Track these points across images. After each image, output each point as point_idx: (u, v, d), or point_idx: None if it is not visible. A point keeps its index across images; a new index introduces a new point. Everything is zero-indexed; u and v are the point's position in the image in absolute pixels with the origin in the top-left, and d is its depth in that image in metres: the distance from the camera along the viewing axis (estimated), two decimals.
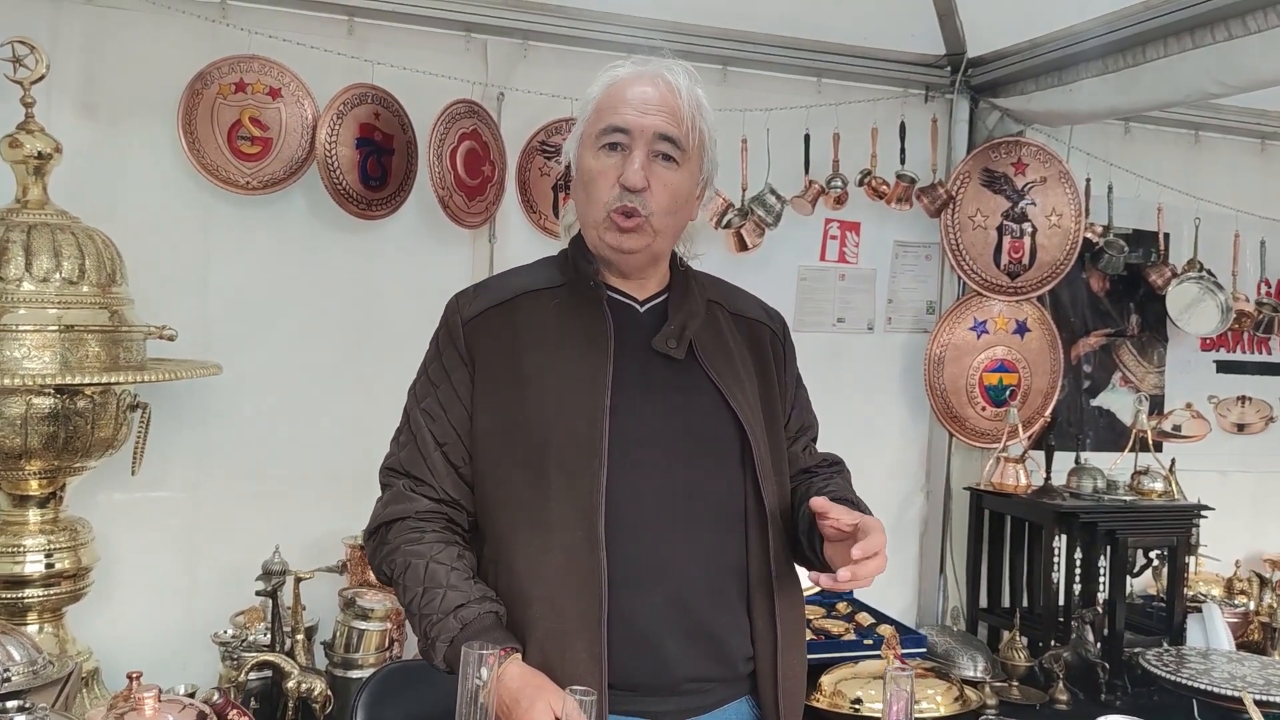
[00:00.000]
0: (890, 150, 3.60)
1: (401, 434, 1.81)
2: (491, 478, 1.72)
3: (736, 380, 1.79)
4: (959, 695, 2.98)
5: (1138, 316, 4.13)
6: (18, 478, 2.51)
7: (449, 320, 1.81)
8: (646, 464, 1.69)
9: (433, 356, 1.82)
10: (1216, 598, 3.78)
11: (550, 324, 1.75)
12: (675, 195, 1.74)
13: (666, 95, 1.72)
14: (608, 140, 1.72)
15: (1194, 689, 2.91)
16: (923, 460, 3.94)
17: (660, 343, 1.75)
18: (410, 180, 3.12)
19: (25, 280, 2.39)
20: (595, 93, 1.77)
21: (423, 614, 1.65)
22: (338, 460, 3.10)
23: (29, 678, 2.00)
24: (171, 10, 2.89)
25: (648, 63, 1.77)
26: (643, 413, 1.71)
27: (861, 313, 3.80)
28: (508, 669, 1.58)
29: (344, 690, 2.66)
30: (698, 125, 1.74)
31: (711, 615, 1.70)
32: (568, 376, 1.70)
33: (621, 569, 1.63)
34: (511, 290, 1.81)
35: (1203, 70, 2.95)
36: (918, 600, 3.92)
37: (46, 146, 2.51)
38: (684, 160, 1.74)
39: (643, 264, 1.79)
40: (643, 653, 1.65)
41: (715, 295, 1.90)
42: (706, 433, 1.75)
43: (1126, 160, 3.87)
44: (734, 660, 1.74)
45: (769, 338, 1.92)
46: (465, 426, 1.74)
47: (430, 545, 1.69)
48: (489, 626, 1.62)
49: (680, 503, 1.70)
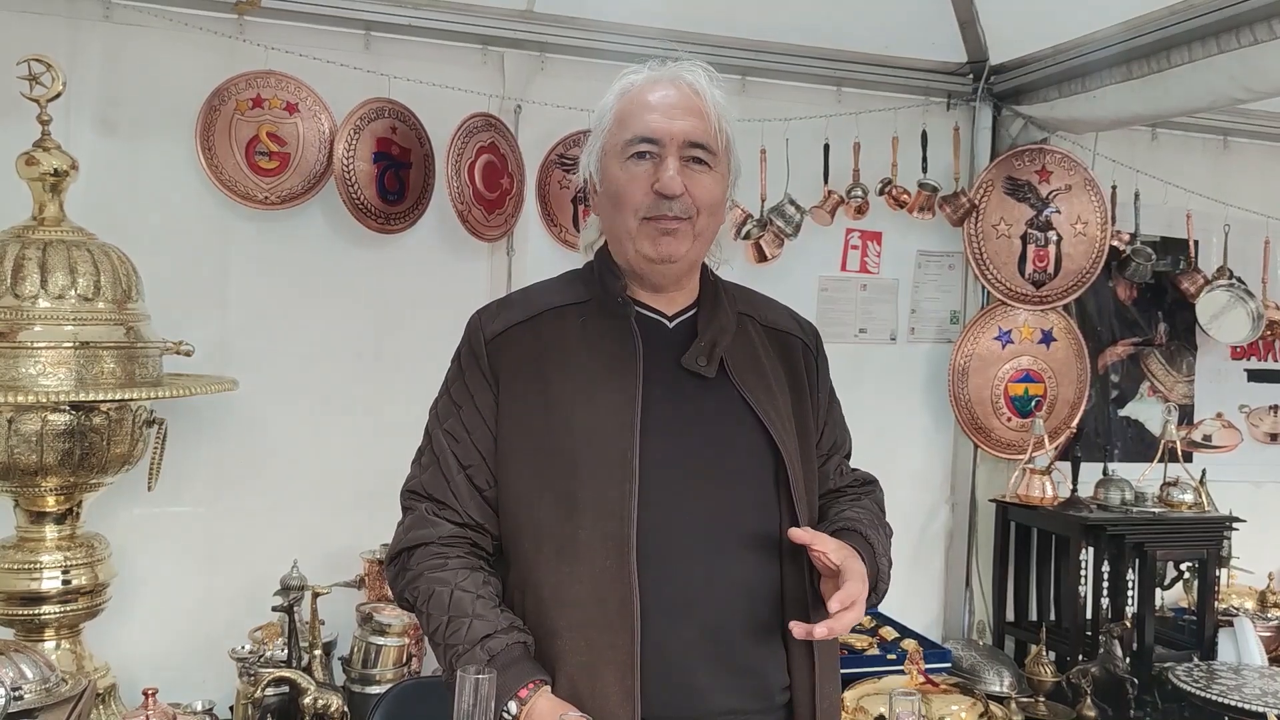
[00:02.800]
0: (911, 159, 3.57)
1: (423, 455, 1.75)
2: (517, 502, 1.66)
3: (770, 398, 1.72)
4: (984, 711, 2.94)
5: (1166, 325, 4.07)
6: (34, 494, 2.51)
7: (471, 338, 1.75)
8: (678, 489, 1.63)
9: (455, 375, 1.75)
10: (1249, 611, 3.73)
11: (576, 342, 1.69)
12: (712, 198, 1.68)
13: (691, 97, 1.67)
14: (636, 150, 1.65)
15: (1225, 705, 2.86)
16: (947, 472, 3.89)
17: (690, 361, 1.69)
18: (428, 194, 3.12)
19: (41, 297, 2.39)
20: (612, 102, 1.71)
21: (448, 644, 1.59)
22: (356, 474, 3.09)
23: (41, 695, 1.99)
24: (189, 27, 2.91)
25: (664, 66, 1.71)
26: (674, 435, 1.65)
27: (884, 323, 3.77)
28: (537, 703, 1.53)
29: (362, 706, 2.65)
30: (723, 126, 1.69)
31: (747, 646, 1.64)
32: (595, 398, 1.64)
33: (653, 599, 1.58)
34: (536, 307, 1.74)
35: (1228, 76, 2.91)
36: (943, 614, 3.87)
37: (63, 164, 2.51)
38: (715, 163, 1.68)
39: (679, 274, 1.73)
40: (676, 686, 1.59)
41: (746, 307, 1.83)
42: (740, 455, 1.68)
43: (1153, 167, 3.82)
44: (770, 692, 1.67)
45: (801, 350, 1.85)
46: (490, 448, 1.68)
47: (454, 572, 1.64)
48: (517, 658, 1.57)
49: (713, 529, 1.63)
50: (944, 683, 3.05)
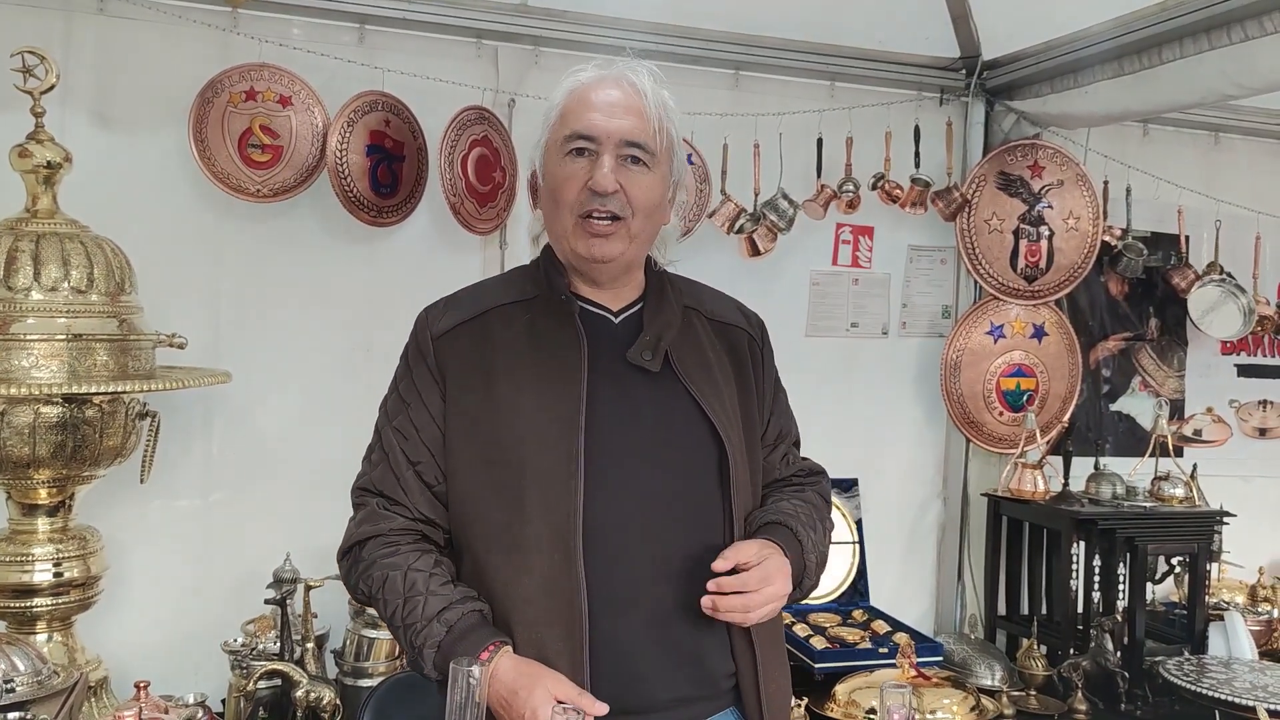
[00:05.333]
0: (904, 154, 3.57)
1: (373, 452, 1.78)
2: (465, 497, 1.69)
3: (715, 390, 1.75)
4: (976, 705, 2.95)
5: (1157, 320, 4.08)
6: (26, 486, 2.50)
7: (419, 336, 1.78)
8: (623, 482, 1.66)
9: (404, 373, 1.79)
10: (1239, 605, 3.74)
11: (522, 340, 1.72)
12: (649, 198, 1.70)
13: (632, 97, 1.69)
14: (573, 146, 1.68)
15: (1215, 699, 2.87)
16: (939, 466, 3.90)
17: (635, 355, 1.71)
18: (421, 187, 3.11)
19: (34, 290, 2.39)
20: (559, 99, 1.73)
21: (406, 624, 1.62)
22: (349, 466, 3.03)
23: (33, 688, 2.00)
24: (182, 20, 2.90)
25: (611, 65, 1.73)
26: (618, 429, 1.67)
27: (876, 317, 3.77)
28: (500, 663, 1.56)
29: (354, 699, 2.66)
30: (664, 127, 1.71)
31: (691, 635, 1.67)
32: (540, 394, 1.67)
33: (600, 592, 1.61)
34: (482, 305, 1.77)
35: (1219, 72, 2.92)
36: (935, 607, 3.88)
37: (56, 156, 2.51)
38: (653, 164, 1.70)
39: (616, 273, 1.76)
40: (624, 677, 1.63)
41: (692, 301, 1.86)
42: (684, 448, 1.71)
43: (1145, 162, 3.83)
44: (715, 678, 1.71)
45: (747, 342, 1.88)
46: (438, 445, 1.71)
47: (405, 555, 1.67)
48: (475, 625, 1.60)
49: (657, 521, 1.66)
50: (936, 676, 3.06)
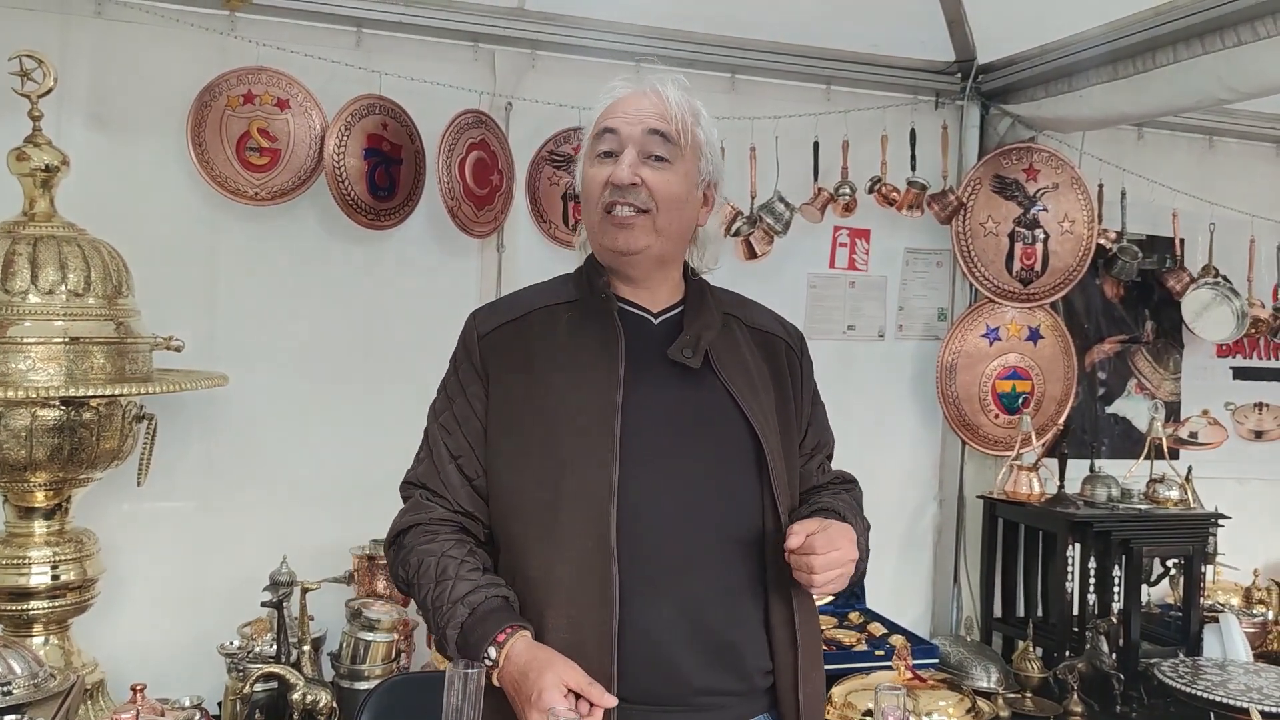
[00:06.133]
0: (900, 157, 3.58)
1: (421, 449, 1.83)
2: (505, 489, 1.73)
3: (753, 392, 1.78)
4: (972, 707, 2.95)
5: (1152, 323, 4.09)
6: (23, 489, 2.51)
7: (465, 337, 1.83)
8: (659, 471, 1.68)
9: (450, 372, 1.84)
10: (1235, 607, 3.74)
11: (563, 338, 1.76)
12: (671, 191, 1.73)
13: (656, 101, 1.75)
14: (602, 148, 1.74)
15: (1210, 701, 2.87)
16: (935, 468, 3.91)
17: (676, 351, 1.74)
18: (418, 190, 3.12)
19: (31, 293, 2.39)
20: (595, 113, 1.80)
21: (434, 607, 1.66)
22: (345, 470, 3.10)
23: (30, 691, 1.99)
24: (180, 23, 2.91)
25: (644, 80, 1.79)
26: (655, 421, 1.70)
27: (872, 320, 3.78)
28: (514, 645, 1.58)
29: (350, 701, 2.65)
30: (689, 126, 1.75)
31: (726, 625, 1.68)
32: (578, 386, 1.70)
33: (633, 580, 1.63)
34: (525, 307, 1.82)
35: (1213, 76, 2.93)
36: (931, 610, 3.89)
37: (54, 159, 2.51)
38: (676, 159, 1.74)
39: (648, 267, 1.78)
40: (656, 664, 1.64)
41: (732, 309, 1.89)
42: (722, 443, 1.74)
43: (1140, 166, 3.84)
44: (750, 673, 1.71)
45: (785, 351, 1.91)
46: (480, 440, 1.75)
47: (442, 543, 1.71)
48: (496, 609, 1.63)
49: (694, 512, 1.68)
50: (932, 678, 3.06)
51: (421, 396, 1.86)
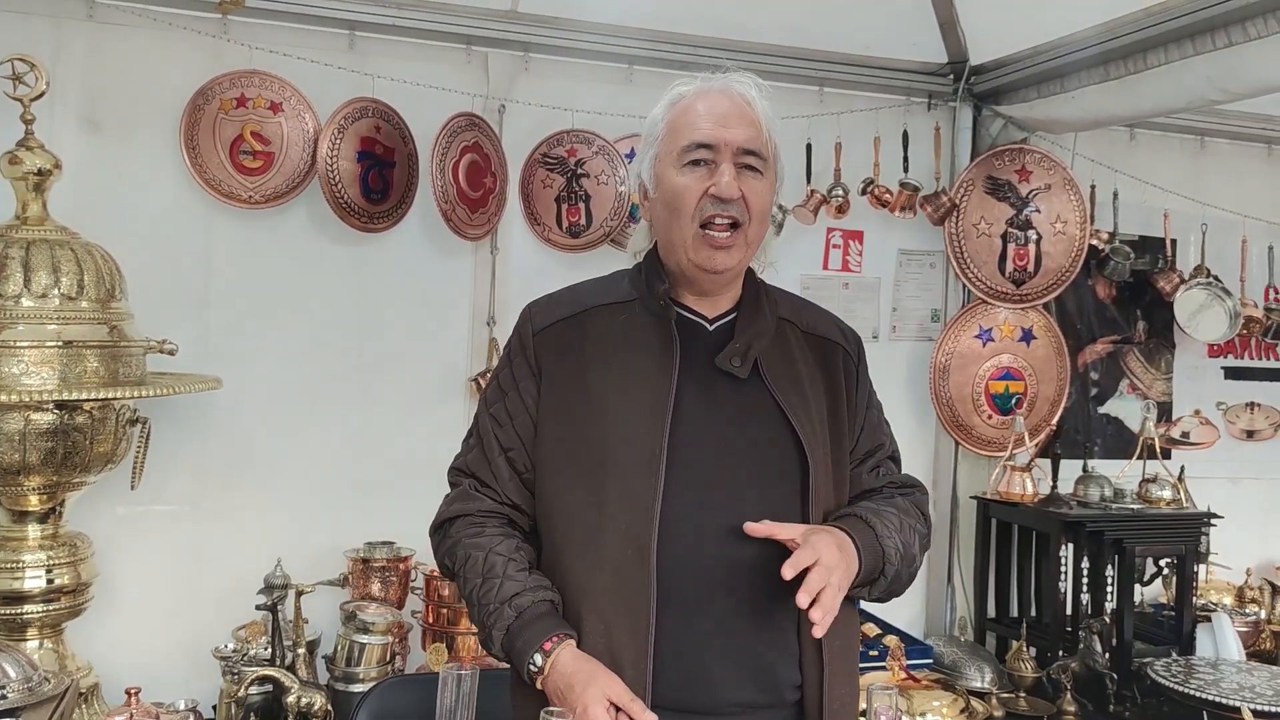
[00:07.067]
0: (892, 159, 3.59)
1: (471, 436, 1.85)
2: (550, 487, 1.74)
3: (801, 401, 1.77)
4: (965, 707, 2.96)
5: (1144, 323, 4.10)
6: (17, 493, 2.51)
7: (520, 330, 1.84)
8: (703, 485, 1.68)
9: (504, 364, 1.85)
10: (1227, 606, 3.75)
11: (617, 339, 1.76)
12: (763, 204, 1.74)
13: (743, 107, 1.73)
14: (691, 157, 1.71)
15: (1203, 700, 2.88)
16: (929, 469, 3.90)
17: (724, 361, 1.74)
18: (412, 193, 3.12)
19: (24, 297, 2.39)
20: (663, 112, 1.78)
21: (481, 604, 1.68)
22: (340, 472, 3.10)
23: (24, 695, 1.99)
24: (173, 26, 2.91)
25: (713, 79, 1.77)
26: (703, 433, 1.70)
27: (866, 321, 3.78)
28: (560, 655, 1.61)
29: (345, 704, 2.65)
30: (772, 136, 1.76)
31: (759, 642, 1.69)
32: (630, 394, 1.71)
33: (671, 590, 1.64)
34: (582, 304, 1.82)
35: (1204, 77, 2.94)
36: (925, 610, 3.89)
37: (46, 163, 2.51)
38: (766, 170, 1.74)
39: (729, 281, 1.79)
40: (689, 674, 1.65)
41: (787, 312, 1.87)
42: (766, 455, 1.73)
43: (1132, 166, 3.85)
44: (780, 687, 1.71)
45: (841, 357, 1.89)
46: (530, 434, 1.77)
47: (490, 538, 1.73)
48: (543, 614, 1.65)
49: (734, 525, 1.67)
50: (925, 679, 3.07)
51: (415, 400, 1.87)
